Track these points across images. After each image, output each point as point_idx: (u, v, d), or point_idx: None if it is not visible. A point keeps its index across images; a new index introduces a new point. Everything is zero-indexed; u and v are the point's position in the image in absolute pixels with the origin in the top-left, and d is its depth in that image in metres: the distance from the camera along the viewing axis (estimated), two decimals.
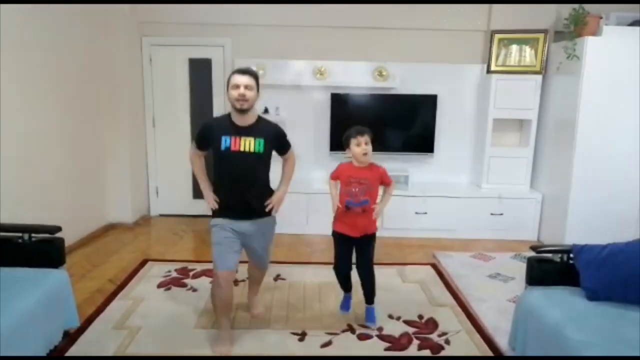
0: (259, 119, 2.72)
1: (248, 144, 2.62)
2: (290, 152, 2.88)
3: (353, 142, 2.79)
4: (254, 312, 3.09)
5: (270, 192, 2.80)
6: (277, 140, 2.75)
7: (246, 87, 2.55)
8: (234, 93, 2.55)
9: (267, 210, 2.75)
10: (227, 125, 2.65)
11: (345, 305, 3.17)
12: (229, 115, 2.69)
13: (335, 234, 2.95)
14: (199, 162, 2.85)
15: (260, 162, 2.70)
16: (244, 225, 2.69)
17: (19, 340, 2.18)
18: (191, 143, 2.85)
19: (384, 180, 2.90)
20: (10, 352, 2.11)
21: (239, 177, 2.65)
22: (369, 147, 2.78)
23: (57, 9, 3.95)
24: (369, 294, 3.00)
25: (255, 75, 2.63)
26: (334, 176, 2.95)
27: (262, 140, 2.64)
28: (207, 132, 2.70)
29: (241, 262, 2.94)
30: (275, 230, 2.94)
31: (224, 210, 2.71)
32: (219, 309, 2.70)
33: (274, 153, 2.78)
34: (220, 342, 2.69)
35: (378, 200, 2.88)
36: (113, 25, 4.70)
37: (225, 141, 2.61)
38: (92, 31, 4.51)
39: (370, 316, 3.01)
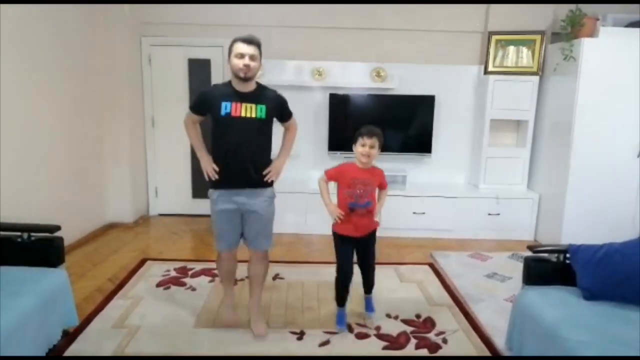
0: (260, 85, 2.69)
1: (249, 110, 2.57)
2: (292, 120, 2.84)
3: (359, 141, 2.75)
4: (255, 330, 2.84)
5: (270, 161, 2.75)
6: (278, 107, 2.71)
7: (251, 57, 2.52)
8: (238, 62, 2.51)
9: (265, 179, 2.70)
10: (228, 91, 2.60)
11: (342, 321, 2.98)
12: (229, 82, 2.65)
13: (337, 236, 2.90)
14: (195, 129, 2.77)
15: (262, 129, 2.64)
16: (243, 196, 2.65)
17: (18, 340, 2.18)
18: (187, 112, 2.76)
19: (382, 184, 2.91)
20: (9, 351, 2.12)
21: (239, 144, 2.59)
22: (373, 152, 2.73)
23: (56, 9, 3.95)
24: (369, 286, 3.05)
25: (259, 45, 2.59)
26: (332, 176, 2.85)
27: (263, 107, 2.59)
28: (205, 97, 2.66)
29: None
30: (274, 208, 2.82)
31: (223, 180, 2.65)
32: (223, 276, 2.95)
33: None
34: (224, 309, 2.96)
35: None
36: (112, 25, 4.71)
37: (226, 107, 2.56)
38: (92, 31, 4.52)
39: (369, 305, 3.06)
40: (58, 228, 2.77)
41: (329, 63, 5.03)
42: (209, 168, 2.67)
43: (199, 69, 5.16)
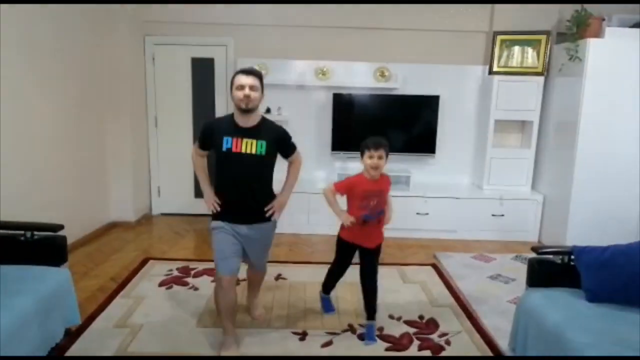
0: (263, 120, 2.66)
1: (250, 146, 2.56)
2: (296, 155, 2.80)
3: (367, 153, 2.73)
4: (255, 313, 3.07)
5: (272, 196, 2.74)
6: (280, 142, 2.68)
7: (251, 87, 2.51)
8: (239, 94, 2.51)
9: (267, 215, 2.70)
10: (229, 126, 2.60)
11: (328, 306, 3.18)
12: (231, 115, 2.64)
13: (342, 243, 2.90)
14: (200, 163, 2.80)
15: (262, 164, 2.63)
16: (244, 229, 2.65)
17: (21, 338, 2.19)
18: (194, 143, 2.80)
19: (388, 190, 2.90)
20: (12, 349, 2.12)
21: (239, 179, 2.60)
22: (381, 162, 2.72)
23: (59, 8, 3.96)
24: (372, 307, 2.86)
25: (260, 76, 2.58)
26: (343, 189, 2.81)
27: (264, 142, 2.57)
28: (209, 132, 2.66)
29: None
30: (274, 234, 2.86)
31: (224, 213, 2.66)
32: (223, 312, 2.66)
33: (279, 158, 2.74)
34: (226, 345, 2.65)
35: None
36: (116, 24, 4.71)
37: (227, 142, 2.56)
38: (95, 30, 4.52)
39: (371, 334, 2.84)
40: (61, 227, 2.77)
41: (333, 63, 5.03)
42: (211, 201, 2.69)
43: (202, 68, 5.16)
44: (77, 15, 4.23)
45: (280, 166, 2.78)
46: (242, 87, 2.51)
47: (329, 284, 3.13)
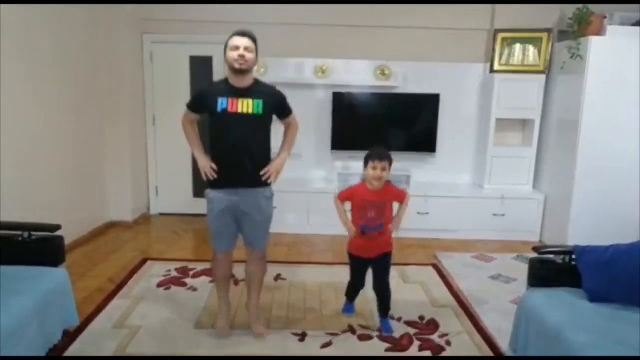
0: (257, 81, 2.65)
1: (246, 105, 2.53)
2: (292, 117, 2.78)
3: (370, 164, 2.74)
4: (255, 330, 2.82)
5: (269, 160, 2.69)
6: (276, 102, 2.66)
7: (246, 48, 2.50)
8: (233, 54, 2.48)
9: (263, 179, 2.63)
10: (224, 87, 2.57)
11: (349, 308, 3.13)
12: (225, 79, 2.62)
13: (351, 256, 2.95)
14: (191, 128, 2.74)
15: (259, 124, 2.60)
16: (239, 196, 2.59)
17: (19, 339, 2.17)
18: (184, 110, 2.73)
19: (398, 199, 2.87)
20: (10, 350, 2.10)
21: (236, 141, 2.54)
22: (384, 174, 2.73)
23: (57, 7, 3.94)
24: (385, 309, 2.97)
25: (254, 38, 2.57)
26: (345, 197, 2.87)
27: (260, 101, 2.55)
28: (202, 95, 2.63)
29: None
30: (272, 208, 2.76)
31: (220, 178, 2.61)
32: (218, 280, 2.85)
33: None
34: (219, 316, 2.85)
35: (393, 214, 2.87)
36: (114, 22, 4.69)
37: (222, 103, 2.52)
38: (93, 28, 4.50)
39: (387, 327, 2.94)
40: (58, 227, 2.75)
41: (332, 60, 5.00)
42: (207, 167, 2.62)
43: (200, 66, 5.14)
44: (75, 14, 4.21)
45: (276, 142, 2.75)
46: (236, 48, 2.49)
47: (350, 294, 3.12)
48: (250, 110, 2.54)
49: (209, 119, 2.61)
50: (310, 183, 4.95)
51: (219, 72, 5.09)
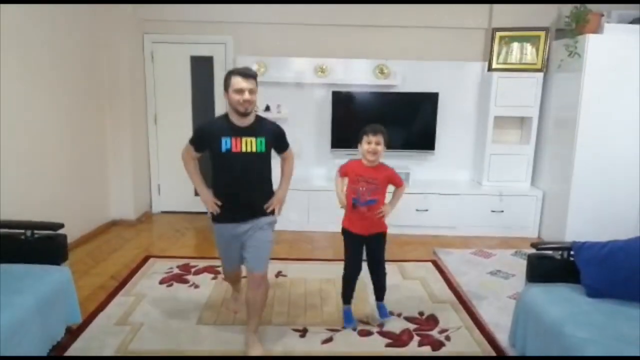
0: (258, 118, 2.67)
1: (250, 144, 2.57)
2: (289, 150, 2.84)
3: (365, 139, 2.77)
4: (251, 352, 2.62)
5: (272, 193, 2.75)
6: (277, 139, 2.71)
7: (250, 91, 2.50)
8: (238, 98, 2.49)
9: (268, 211, 2.70)
10: (226, 127, 2.58)
11: (349, 318, 2.98)
12: (225, 115, 2.64)
13: (344, 231, 2.93)
14: (194, 165, 2.77)
15: (263, 161, 2.65)
16: (245, 226, 2.65)
17: (22, 336, 2.20)
18: (186, 145, 2.74)
19: (394, 181, 2.89)
20: (13, 347, 2.13)
21: (241, 179, 2.60)
22: (379, 148, 2.74)
23: (58, 7, 3.95)
24: (380, 292, 3.05)
25: (255, 77, 2.58)
26: (343, 172, 2.92)
27: (263, 140, 2.59)
28: (204, 135, 2.65)
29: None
30: (274, 229, 2.81)
31: (225, 213, 2.66)
32: (228, 281, 3.21)
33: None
34: (229, 298, 3.21)
35: (386, 201, 2.88)
36: (115, 23, 4.70)
37: (226, 143, 2.55)
38: (94, 28, 4.52)
39: (384, 312, 3.04)
40: (61, 226, 2.78)
41: (332, 60, 5.02)
42: (210, 203, 2.67)
43: (201, 66, 5.16)
44: (76, 14, 4.22)
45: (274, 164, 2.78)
46: (241, 91, 2.49)
47: (346, 292, 3.00)
48: (254, 149, 2.58)
49: (212, 156, 2.63)
50: (310, 181, 4.97)
51: (219, 72, 5.11)
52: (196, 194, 5.18)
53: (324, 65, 5.00)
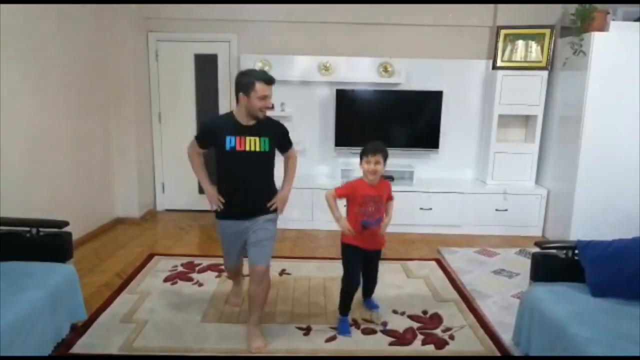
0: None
1: (253, 144, 2.60)
2: (292, 150, 2.88)
3: (364, 159, 2.76)
4: (253, 345, 2.66)
5: (275, 191, 2.79)
6: (280, 138, 2.74)
7: (270, 97, 2.60)
8: (260, 104, 2.53)
9: (271, 210, 2.73)
10: (231, 125, 2.61)
11: (344, 328, 2.88)
12: (230, 114, 2.67)
13: (349, 247, 2.85)
14: (199, 161, 2.80)
15: (266, 161, 2.68)
16: (247, 223, 2.69)
17: (27, 333, 2.21)
18: (192, 141, 2.77)
19: (389, 195, 2.91)
20: (18, 344, 2.14)
21: (244, 177, 2.64)
22: (379, 167, 2.73)
23: (62, 6, 3.96)
24: (371, 292, 3.18)
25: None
26: (342, 194, 2.83)
27: (267, 139, 2.62)
28: (210, 131, 2.68)
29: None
30: (277, 226, 2.81)
31: (228, 210, 2.70)
32: (230, 277, 3.26)
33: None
34: (230, 293, 3.25)
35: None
36: (119, 21, 4.71)
37: (230, 141, 2.58)
38: (99, 26, 4.53)
39: (372, 304, 3.16)
40: (66, 223, 2.79)
41: (336, 58, 5.01)
42: (214, 199, 2.72)
43: (205, 64, 5.16)
44: (81, 12, 4.23)
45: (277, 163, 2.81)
46: (265, 98, 2.54)
47: (347, 304, 2.91)
48: (257, 149, 2.61)
49: (216, 153, 2.65)
50: (314, 179, 4.97)
51: (224, 70, 5.12)
52: (201, 191, 5.31)
53: (328, 64, 4.99)
